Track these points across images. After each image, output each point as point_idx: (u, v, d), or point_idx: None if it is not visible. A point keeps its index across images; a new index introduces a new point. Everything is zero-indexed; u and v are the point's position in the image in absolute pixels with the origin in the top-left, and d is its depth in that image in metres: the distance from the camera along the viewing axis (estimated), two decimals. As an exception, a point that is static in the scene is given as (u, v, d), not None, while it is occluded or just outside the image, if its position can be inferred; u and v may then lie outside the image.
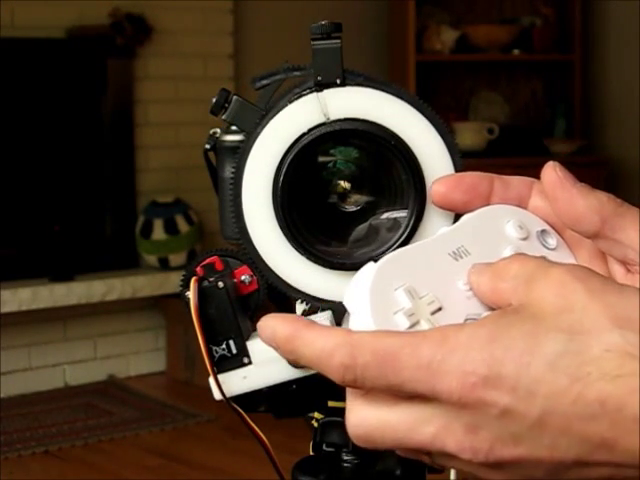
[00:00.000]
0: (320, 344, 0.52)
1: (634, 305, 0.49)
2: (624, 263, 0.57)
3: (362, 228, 0.75)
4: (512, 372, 0.48)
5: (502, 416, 0.49)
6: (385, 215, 0.74)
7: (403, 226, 0.72)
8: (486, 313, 0.54)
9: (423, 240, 0.58)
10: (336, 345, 0.51)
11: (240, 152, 0.74)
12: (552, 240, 0.60)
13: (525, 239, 0.59)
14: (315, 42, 0.72)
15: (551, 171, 0.57)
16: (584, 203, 0.56)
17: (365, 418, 0.52)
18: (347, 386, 0.52)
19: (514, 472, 0.51)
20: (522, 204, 0.61)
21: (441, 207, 0.62)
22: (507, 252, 0.57)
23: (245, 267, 0.79)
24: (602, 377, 0.47)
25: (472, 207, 0.60)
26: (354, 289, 0.54)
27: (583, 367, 0.48)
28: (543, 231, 0.60)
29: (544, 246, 0.59)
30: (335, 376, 0.52)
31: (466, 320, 0.54)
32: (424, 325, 0.53)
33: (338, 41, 0.72)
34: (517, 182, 0.61)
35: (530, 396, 0.48)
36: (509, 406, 0.49)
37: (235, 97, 0.77)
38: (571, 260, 0.59)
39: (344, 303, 0.55)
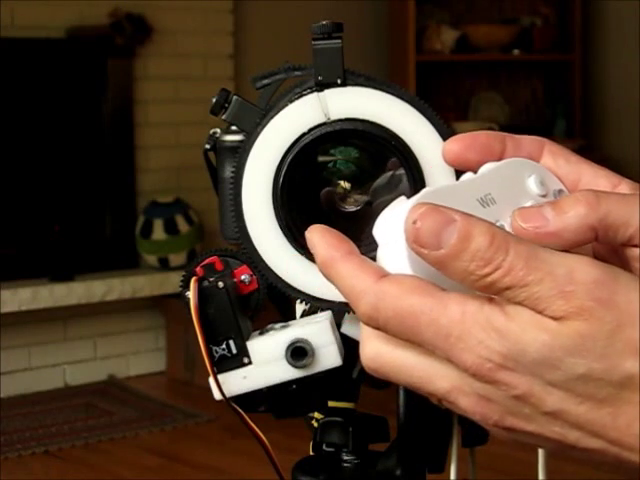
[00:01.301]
0: (349, 283, 0.53)
1: None
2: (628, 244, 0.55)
3: (384, 177, 0.75)
4: (528, 369, 0.49)
5: (517, 398, 0.50)
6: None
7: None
8: None
9: (452, 182, 0.57)
10: (363, 291, 0.52)
11: (240, 152, 0.74)
12: None
13: (544, 196, 0.58)
14: (316, 42, 0.72)
15: (521, 231, 0.54)
16: (572, 230, 0.53)
17: (381, 354, 0.53)
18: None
19: (523, 438, 0.52)
20: None
21: (453, 165, 0.61)
22: (529, 204, 0.56)
23: (245, 267, 0.79)
24: (618, 399, 0.49)
25: None
26: (388, 221, 0.54)
27: (600, 389, 0.49)
28: (560, 191, 0.59)
29: None
30: (360, 318, 0.53)
31: None
32: None
33: (339, 41, 0.72)
34: (528, 142, 0.61)
35: (547, 392, 0.49)
36: (526, 392, 0.49)
37: (235, 97, 0.77)
38: None
39: (373, 234, 0.54)
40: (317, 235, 0.55)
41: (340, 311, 0.77)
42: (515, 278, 0.49)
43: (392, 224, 0.53)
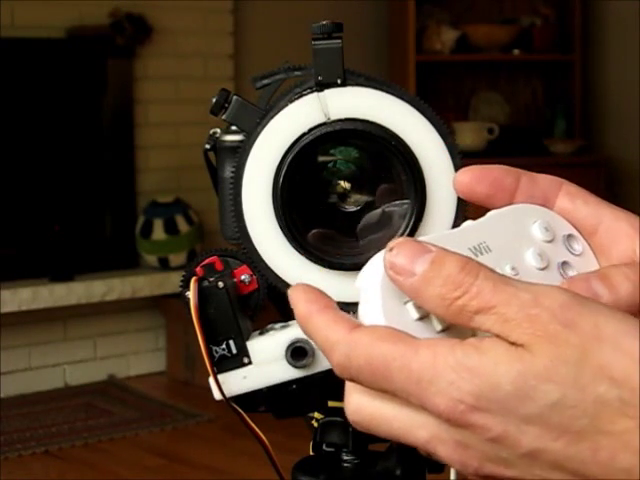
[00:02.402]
0: (324, 335, 0.53)
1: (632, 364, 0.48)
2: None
3: (374, 214, 0.75)
4: (502, 407, 0.48)
5: (493, 441, 0.49)
6: (398, 202, 0.74)
7: (403, 226, 0.72)
8: None
9: (445, 231, 0.57)
10: (336, 342, 0.52)
11: (240, 152, 0.74)
12: (578, 245, 0.58)
13: (550, 242, 0.57)
14: (316, 42, 0.72)
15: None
16: (622, 308, 0.53)
17: (362, 406, 0.53)
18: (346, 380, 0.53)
19: None
20: (548, 204, 0.59)
21: (463, 197, 0.60)
22: (529, 254, 0.56)
23: (245, 267, 0.79)
24: (596, 431, 0.47)
25: (495, 201, 0.59)
26: (366, 275, 0.54)
27: (575, 421, 0.48)
28: (570, 235, 0.58)
29: (569, 251, 0.58)
30: (334, 369, 0.53)
31: None
32: (434, 318, 0.52)
33: (339, 41, 0.72)
34: (545, 181, 0.60)
35: (521, 432, 0.48)
36: (501, 434, 0.49)
37: (235, 97, 0.77)
38: (595, 267, 0.58)
39: (356, 286, 0.54)
40: (297, 292, 0.56)
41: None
42: (483, 300, 0.49)
43: (368, 278, 0.53)
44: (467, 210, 0.74)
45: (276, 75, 0.77)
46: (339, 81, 0.73)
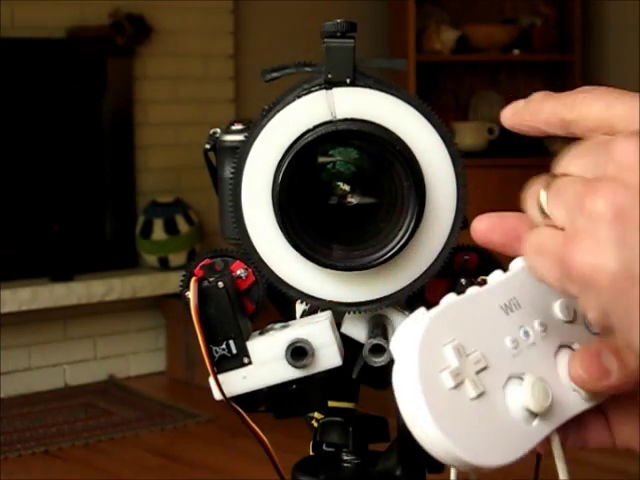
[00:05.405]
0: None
1: None
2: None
3: (380, 219, 0.75)
4: None
5: None
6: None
7: (403, 230, 0.72)
8: (529, 374, 0.54)
9: (476, 290, 0.56)
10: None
11: (243, 144, 0.74)
12: None
13: None
14: (328, 40, 0.72)
15: (580, 381, 0.55)
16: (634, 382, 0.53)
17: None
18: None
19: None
20: None
21: (481, 245, 0.60)
22: (557, 307, 0.56)
23: (238, 262, 0.79)
24: None
25: (511, 250, 0.58)
26: (404, 338, 0.53)
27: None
28: None
29: None
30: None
31: (509, 379, 0.54)
32: (468, 385, 0.52)
33: (352, 41, 0.72)
34: None
35: None
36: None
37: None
38: None
39: (391, 348, 0.54)
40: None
41: (339, 311, 0.77)
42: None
43: (406, 343, 0.53)
44: (466, 211, 0.74)
45: (286, 69, 0.77)
46: (348, 81, 0.72)
